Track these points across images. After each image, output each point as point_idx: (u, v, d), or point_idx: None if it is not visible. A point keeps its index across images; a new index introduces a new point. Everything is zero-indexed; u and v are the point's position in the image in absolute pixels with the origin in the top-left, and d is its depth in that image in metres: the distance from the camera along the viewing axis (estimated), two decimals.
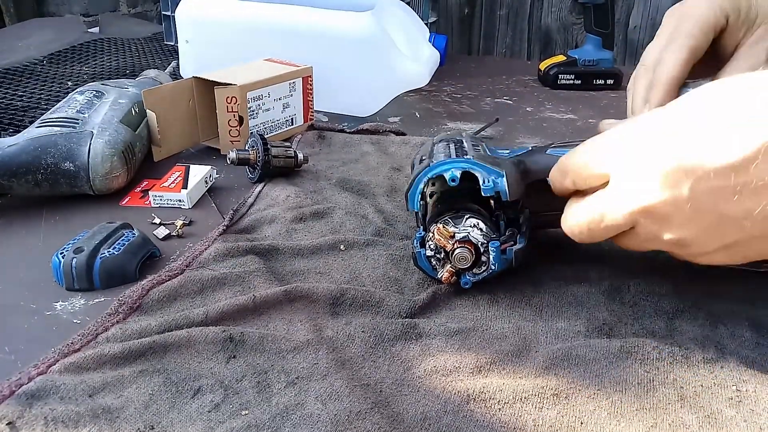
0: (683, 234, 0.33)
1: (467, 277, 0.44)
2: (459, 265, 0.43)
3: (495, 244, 0.42)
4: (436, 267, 0.44)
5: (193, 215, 0.56)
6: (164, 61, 1.11)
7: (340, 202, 0.58)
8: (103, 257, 0.45)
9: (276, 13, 0.87)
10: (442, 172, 0.42)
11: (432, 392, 0.36)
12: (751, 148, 0.29)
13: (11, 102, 0.87)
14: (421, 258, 0.44)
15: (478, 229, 0.42)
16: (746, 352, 0.39)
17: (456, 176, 0.42)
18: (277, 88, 0.72)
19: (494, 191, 0.41)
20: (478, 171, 0.42)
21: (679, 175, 0.31)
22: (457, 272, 0.43)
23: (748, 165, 0.29)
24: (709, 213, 0.32)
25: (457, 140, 0.50)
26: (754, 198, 0.30)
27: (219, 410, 0.34)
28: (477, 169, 0.42)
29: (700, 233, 0.33)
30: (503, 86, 1.03)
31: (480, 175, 0.42)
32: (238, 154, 0.61)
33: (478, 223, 0.42)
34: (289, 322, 0.41)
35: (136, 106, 0.65)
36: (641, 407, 0.35)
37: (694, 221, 0.32)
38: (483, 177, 0.42)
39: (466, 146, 0.47)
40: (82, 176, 0.56)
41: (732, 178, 0.30)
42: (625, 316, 0.43)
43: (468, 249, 0.42)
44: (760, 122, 0.30)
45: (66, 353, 0.37)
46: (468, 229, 0.42)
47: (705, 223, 0.32)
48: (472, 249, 0.42)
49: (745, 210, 0.31)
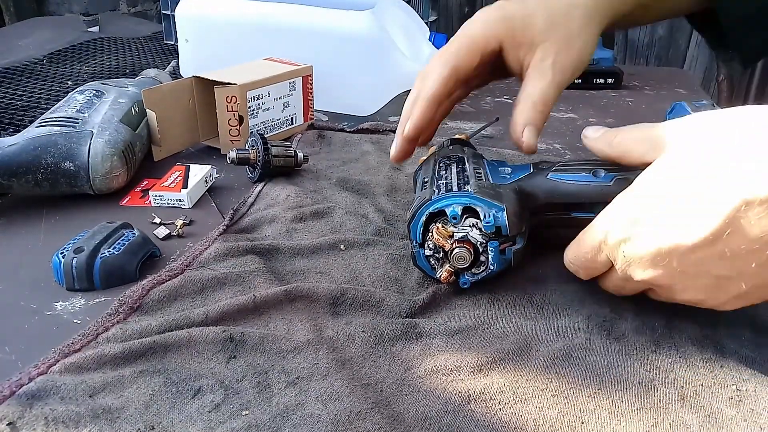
0: (691, 297, 0.37)
1: (466, 277, 0.44)
2: (457, 264, 0.43)
3: (494, 244, 0.42)
4: (435, 267, 0.44)
5: (193, 215, 0.56)
6: (164, 60, 1.11)
7: (340, 201, 0.58)
8: (104, 257, 0.45)
9: (276, 13, 0.87)
10: (444, 207, 0.43)
11: (432, 392, 0.36)
12: (716, 223, 0.32)
13: (11, 101, 0.87)
14: (420, 257, 0.44)
15: (477, 228, 0.42)
16: (746, 351, 0.39)
17: (457, 213, 0.42)
18: (277, 87, 0.72)
19: (494, 227, 0.42)
20: (479, 206, 0.42)
21: (664, 256, 0.35)
22: (456, 272, 0.43)
23: (720, 235, 0.32)
24: (705, 277, 0.35)
25: (459, 159, 0.50)
26: (740, 259, 0.32)
27: (219, 410, 0.34)
28: (478, 204, 0.42)
29: (706, 293, 0.36)
30: (503, 85, 1.03)
31: (481, 210, 0.42)
32: (238, 154, 0.61)
33: (477, 223, 0.42)
34: (290, 322, 0.41)
35: (136, 106, 0.65)
36: (642, 407, 0.35)
37: (696, 287, 0.36)
38: (484, 212, 0.42)
39: (468, 170, 0.47)
40: (82, 176, 0.56)
41: (712, 247, 0.33)
42: (626, 314, 0.43)
43: (467, 249, 0.42)
44: (726, 189, 0.32)
45: (66, 353, 0.37)
46: (467, 229, 0.42)
47: (706, 285, 0.35)
48: (471, 249, 0.42)
49: (736, 269, 0.33)
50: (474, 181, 0.45)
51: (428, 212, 0.43)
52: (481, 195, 0.43)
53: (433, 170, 0.49)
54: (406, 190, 0.62)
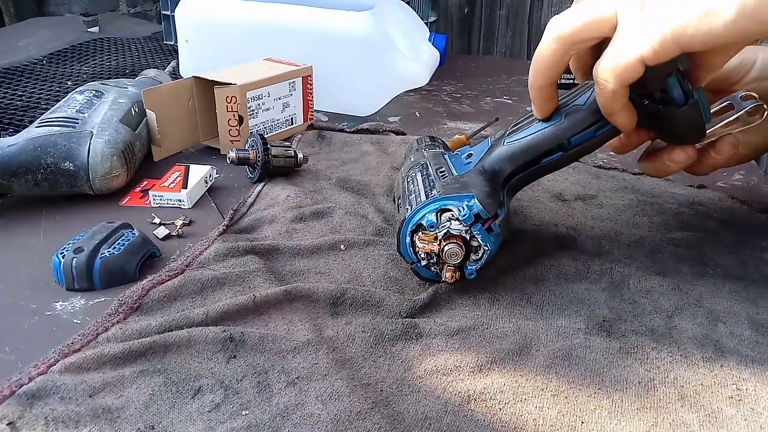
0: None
1: (469, 267, 0.43)
2: (452, 261, 0.42)
3: (477, 227, 0.42)
4: (437, 272, 0.44)
5: (193, 215, 0.56)
6: (164, 60, 1.11)
7: (340, 201, 0.58)
8: (103, 257, 0.45)
9: (276, 13, 0.87)
10: (420, 221, 0.43)
11: (432, 392, 0.36)
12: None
13: (11, 102, 0.87)
14: (421, 270, 0.44)
15: (455, 220, 0.42)
16: (746, 350, 0.39)
17: (433, 221, 0.42)
18: (277, 87, 0.72)
19: (473, 215, 0.41)
20: (450, 205, 0.42)
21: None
22: (458, 267, 0.43)
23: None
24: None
25: (422, 165, 0.50)
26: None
27: (219, 410, 0.34)
28: (448, 203, 0.42)
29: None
30: (503, 86, 1.03)
31: (454, 207, 0.42)
32: (237, 154, 0.61)
33: (452, 215, 0.42)
34: (290, 322, 0.41)
35: (136, 106, 0.65)
36: (642, 406, 0.35)
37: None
38: (457, 207, 0.42)
39: (431, 173, 0.48)
40: (82, 176, 0.56)
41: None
42: (625, 313, 0.43)
43: (455, 243, 0.42)
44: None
45: (66, 353, 0.37)
46: (446, 224, 0.42)
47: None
48: (459, 241, 0.42)
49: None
50: (438, 183, 0.45)
51: (409, 232, 0.43)
52: (447, 193, 0.43)
53: (403, 188, 0.49)
54: None
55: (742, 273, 0.48)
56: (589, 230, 0.54)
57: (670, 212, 0.58)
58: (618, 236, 0.53)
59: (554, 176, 0.66)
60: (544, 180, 0.65)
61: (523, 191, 0.62)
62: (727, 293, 0.45)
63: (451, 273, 0.43)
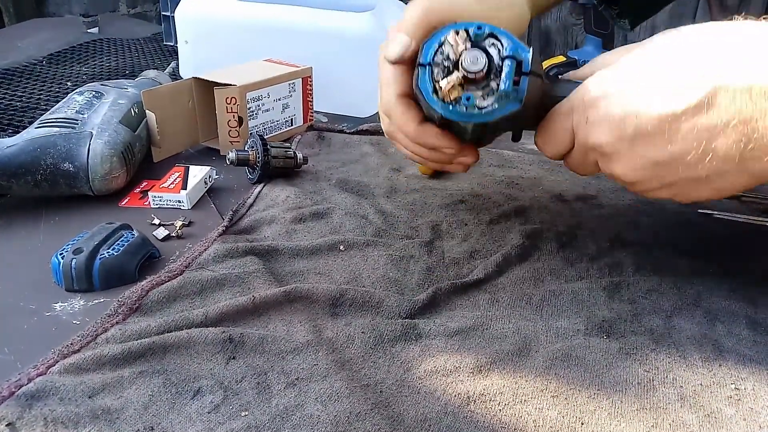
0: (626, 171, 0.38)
1: (470, 94, 0.38)
2: (469, 68, 0.37)
3: (510, 62, 0.37)
4: (437, 87, 0.38)
5: (193, 216, 0.56)
6: (164, 61, 1.11)
7: (339, 202, 0.58)
8: (103, 258, 0.45)
9: (276, 13, 0.87)
10: (467, 28, 0.38)
11: (432, 393, 0.36)
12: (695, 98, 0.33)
13: (11, 102, 0.87)
14: (425, 76, 0.38)
15: (495, 47, 0.38)
16: (744, 350, 0.39)
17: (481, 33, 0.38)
18: (277, 88, 0.72)
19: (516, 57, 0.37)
20: (503, 36, 0.38)
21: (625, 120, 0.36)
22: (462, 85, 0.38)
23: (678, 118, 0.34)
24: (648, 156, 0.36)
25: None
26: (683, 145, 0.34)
27: (219, 411, 0.34)
28: (503, 34, 0.38)
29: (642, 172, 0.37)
30: None
31: (507, 40, 0.38)
32: (237, 155, 0.61)
33: (496, 43, 0.38)
34: (289, 323, 0.41)
35: (136, 107, 0.65)
36: (641, 407, 0.35)
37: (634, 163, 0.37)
38: (510, 41, 0.38)
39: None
40: (82, 177, 0.56)
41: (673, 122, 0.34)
42: (624, 313, 0.43)
43: (483, 53, 0.38)
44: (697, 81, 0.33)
45: (65, 354, 0.37)
46: (488, 41, 0.38)
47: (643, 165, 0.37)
48: (486, 58, 0.37)
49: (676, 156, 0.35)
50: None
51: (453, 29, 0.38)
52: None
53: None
54: (406, 191, 0.62)
55: (740, 272, 0.48)
56: (589, 230, 0.54)
57: (670, 212, 0.58)
58: (618, 236, 0.53)
59: (554, 176, 0.66)
60: (544, 180, 0.65)
61: (523, 191, 0.62)
62: (725, 292, 0.45)
63: (452, 85, 0.38)
